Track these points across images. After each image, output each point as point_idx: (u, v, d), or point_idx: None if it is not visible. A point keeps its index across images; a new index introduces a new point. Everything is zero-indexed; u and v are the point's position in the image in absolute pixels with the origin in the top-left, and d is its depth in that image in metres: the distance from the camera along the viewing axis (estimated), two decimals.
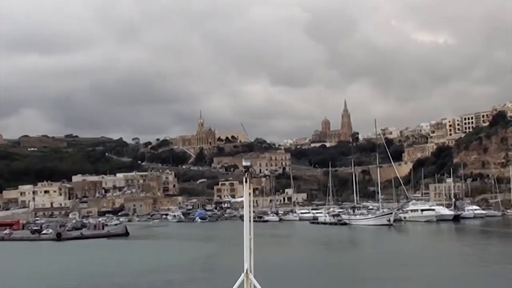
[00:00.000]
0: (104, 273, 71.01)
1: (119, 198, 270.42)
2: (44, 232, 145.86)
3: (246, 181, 16.11)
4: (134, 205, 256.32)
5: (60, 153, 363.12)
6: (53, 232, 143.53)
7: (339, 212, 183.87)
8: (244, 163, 17.00)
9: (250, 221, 15.93)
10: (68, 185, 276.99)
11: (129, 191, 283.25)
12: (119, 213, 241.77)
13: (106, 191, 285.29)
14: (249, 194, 16.12)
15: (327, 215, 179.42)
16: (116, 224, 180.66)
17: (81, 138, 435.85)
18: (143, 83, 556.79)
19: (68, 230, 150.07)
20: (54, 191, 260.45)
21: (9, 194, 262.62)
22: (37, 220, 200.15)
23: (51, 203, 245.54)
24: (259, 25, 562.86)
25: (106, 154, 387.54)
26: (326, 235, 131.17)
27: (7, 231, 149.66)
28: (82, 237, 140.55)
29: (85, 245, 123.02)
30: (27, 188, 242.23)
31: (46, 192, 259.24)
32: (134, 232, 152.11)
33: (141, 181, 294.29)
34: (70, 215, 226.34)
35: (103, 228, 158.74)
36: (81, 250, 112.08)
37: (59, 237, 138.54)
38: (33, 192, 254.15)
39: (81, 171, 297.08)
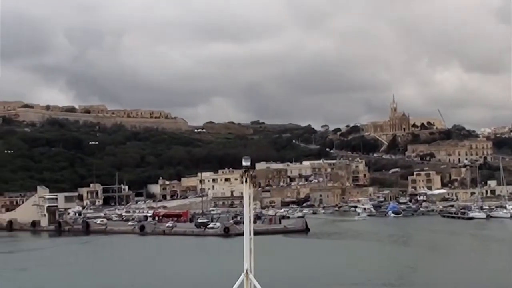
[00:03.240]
0: None
1: (304, 187, 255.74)
2: (210, 226, 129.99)
3: (246, 181, 18.21)
4: (321, 196, 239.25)
5: (245, 140, 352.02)
6: (220, 226, 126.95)
7: None
8: (244, 163, 19.00)
9: (250, 221, 17.87)
10: (250, 173, 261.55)
11: (316, 180, 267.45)
12: (304, 204, 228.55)
13: (291, 180, 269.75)
14: (249, 194, 17.90)
15: None
16: (298, 217, 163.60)
17: (268, 125, 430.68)
18: (330, 70, 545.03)
19: (236, 223, 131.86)
20: (235, 179, 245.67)
21: (188, 181, 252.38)
22: (213, 210, 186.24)
23: (231, 192, 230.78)
24: (446, 11, 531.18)
25: (293, 141, 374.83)
26: None
27: (169, 224, 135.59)
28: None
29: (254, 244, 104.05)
30: (206, 175, 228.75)
31: (226, 180, 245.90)
32: (315, 228, 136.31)
33: (328, 170, 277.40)
34: None
35: (279, 222, 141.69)
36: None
37: (226, 232, 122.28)
38: (213, 180, 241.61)
39: (266, 159, 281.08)
